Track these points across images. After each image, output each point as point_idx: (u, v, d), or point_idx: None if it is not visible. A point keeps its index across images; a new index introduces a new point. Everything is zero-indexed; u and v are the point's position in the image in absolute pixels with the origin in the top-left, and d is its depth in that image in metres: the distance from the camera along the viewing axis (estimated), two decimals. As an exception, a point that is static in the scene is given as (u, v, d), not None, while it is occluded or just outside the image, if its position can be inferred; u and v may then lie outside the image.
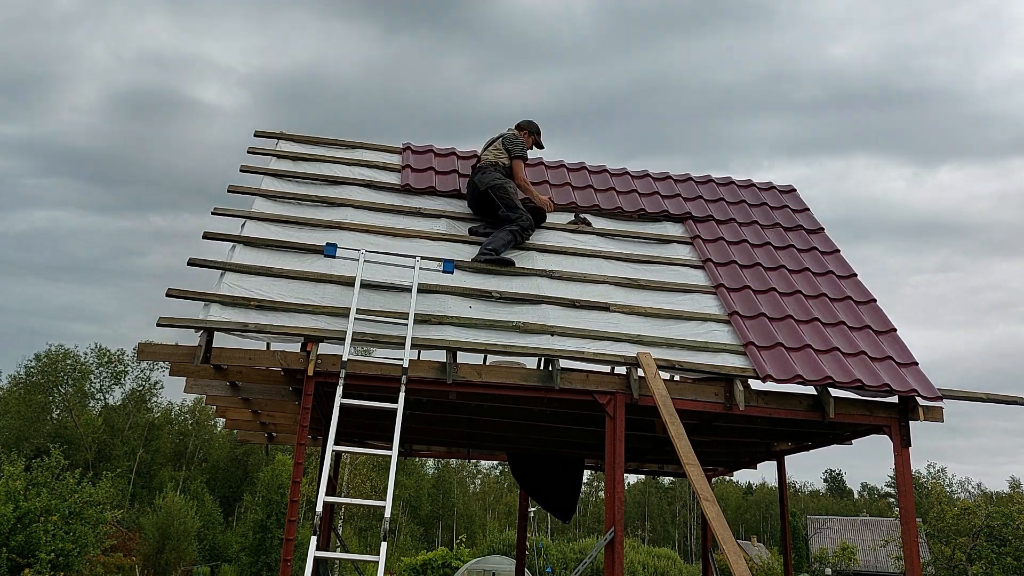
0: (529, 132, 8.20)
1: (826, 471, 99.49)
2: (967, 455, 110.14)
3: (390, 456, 5.50)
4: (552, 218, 8.17)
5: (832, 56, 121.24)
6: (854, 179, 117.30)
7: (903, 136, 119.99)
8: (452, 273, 6.70)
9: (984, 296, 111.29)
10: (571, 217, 8.29)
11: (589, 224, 8.21)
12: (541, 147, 8.43)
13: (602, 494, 63.47)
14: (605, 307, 6.95)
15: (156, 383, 52.88)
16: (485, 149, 7.98)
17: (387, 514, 5.09)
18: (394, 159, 8.75)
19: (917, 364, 6.81)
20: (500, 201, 7.53)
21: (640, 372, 6.19)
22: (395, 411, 5.67)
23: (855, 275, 8.11)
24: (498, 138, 8.00)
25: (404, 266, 6.59)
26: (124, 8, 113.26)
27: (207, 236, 6.85)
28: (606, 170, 9.28)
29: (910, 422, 6.55)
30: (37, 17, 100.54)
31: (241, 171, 7.97)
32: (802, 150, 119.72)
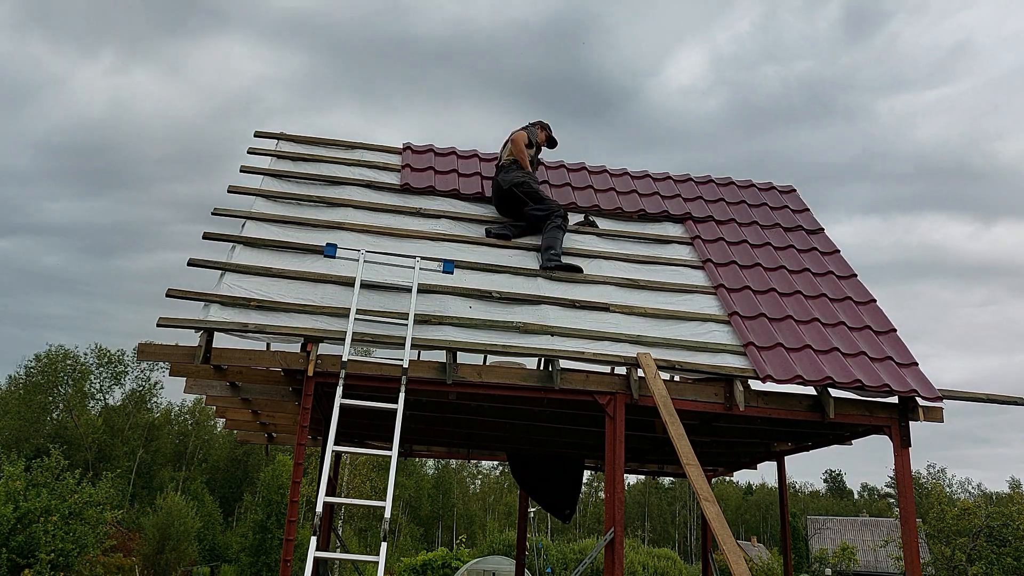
0: (542, 127, 8.57)
1: (826, 471, 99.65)
2: (996, 463, 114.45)
3: (390, 456, 5.50)
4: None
5: (919, 138, 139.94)
6: (920, 231, 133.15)
7: (969, 199, 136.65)
8: (452, 273, 6.70)
9: (1022, 325, 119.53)
10: (570, 216, 8.28)
11: (595, 226, 8.22)
12: (555, 142, 8.74)
13: (602, 494, 63.47)
14: (605, 307, 6.95)
15: (156, 383, 52.89)
16: (504, 148, 8.19)
17: (387, 514, 5.09)
18: (394, 159, 8.74)
19: (917, 364, 6.80)
20: (526, 196, 7.73)
21: (640, 372, 6.19)
22: (395, 411, 5.67)
23: (855, 275, 8.11)
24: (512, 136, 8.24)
25: (404, 266, 6.59)
26: (322, 102, 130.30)
27: (207, 236, 6.85)
28: (606, 171, 9.28)
29: (910, 422, 6.55)
30: (244, 110, 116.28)
31: (241, 171, 7.97)
32: (879, 208, 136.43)
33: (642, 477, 66.57)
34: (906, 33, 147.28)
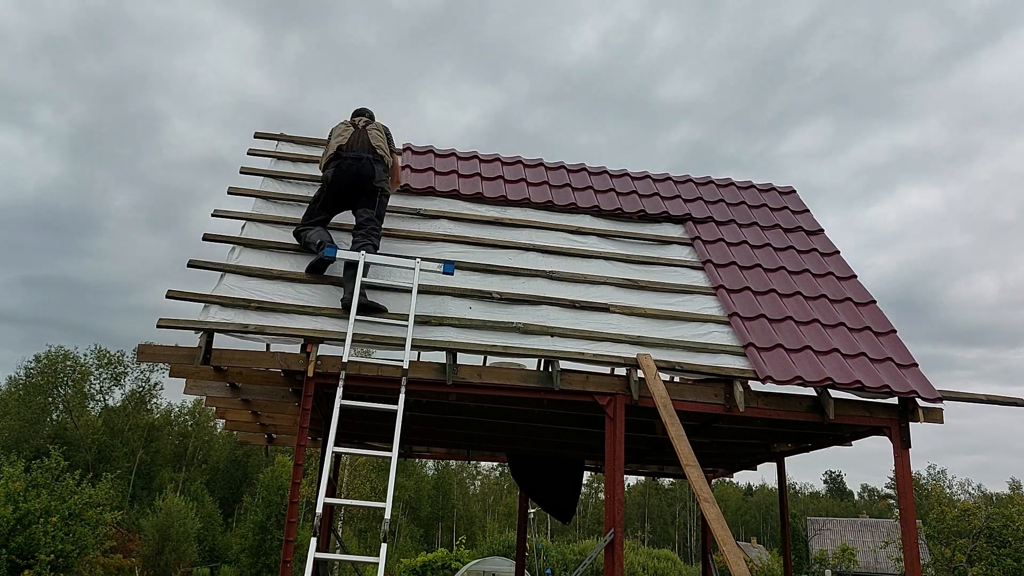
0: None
1: (826, 472, 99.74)
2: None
3: (390, 457, 5.49)
4: (552, 219, 8.18)
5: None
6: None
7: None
8: (452, 274, 6.69)
9: None
10: (570, 217, 8.26)
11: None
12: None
13: (602, 495, 63.46)
14: (605, 308, 6.95)
15: (156, 384, 52.93)
16: (363, 128, 7.10)
17: (387, 515, 5.09)
18: (394, 160, 8.72)
19: (917, 365, 6.80)
20: (379, 209, 6.83)
21: (640, 373, 6.19)
22: (395, 412, 5.66)
23: (855, 276, 8.10)
24: (371, 120, 7.32)
25: (404, 267, 6.58)
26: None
27: (207, 238, 6.85)
28: (606, 171, 9.28)
29: (910, 423, 6.55)
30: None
31: (241, 173, 7.96)
32: None
33: (642, 478, 66.58)
34: None
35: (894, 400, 6.52)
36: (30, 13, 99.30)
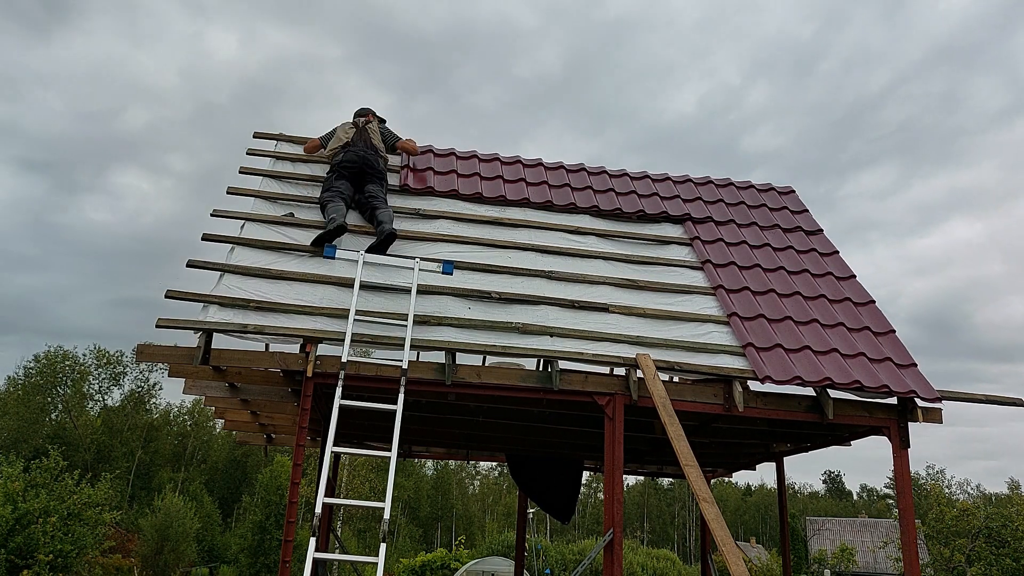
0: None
1: (825, 472, 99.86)
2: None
3: (389, 457, 5.50)
4: (551, 219, 8.19)
5: None
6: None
7: None
8: (451, 274, 6.70)
9: None
10: (569, 217, 8.27)
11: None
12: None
13: (601, 495, 63.47)
14: (604, 308, 6.95)
15: (155, 384, 52.92)
16: (363, 127, 8.02)
17: (386, 515, 5.09)
18: (393, 160, 8.73)
19: (916, 365, 6.80)
20: (384, 193, 7.70)
21: (639, 373, 6.19)
22: (394, 412, 5.67)
23: (854, 276, 8.11)
24: (369, 119, 8.19)
25: (403, 267, 6.59)
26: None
27: (206, 238, 6.84)
28: (605, 171, 9.28)
29: (909, 423, 6.55)
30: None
31: (240, 172, 7.96)
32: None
33: (641, 478, 66.60)
34: None
35: (893, 400, 6.52)
36: (190, 80, 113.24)
